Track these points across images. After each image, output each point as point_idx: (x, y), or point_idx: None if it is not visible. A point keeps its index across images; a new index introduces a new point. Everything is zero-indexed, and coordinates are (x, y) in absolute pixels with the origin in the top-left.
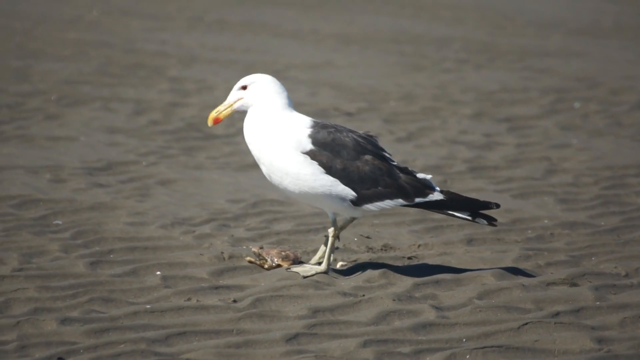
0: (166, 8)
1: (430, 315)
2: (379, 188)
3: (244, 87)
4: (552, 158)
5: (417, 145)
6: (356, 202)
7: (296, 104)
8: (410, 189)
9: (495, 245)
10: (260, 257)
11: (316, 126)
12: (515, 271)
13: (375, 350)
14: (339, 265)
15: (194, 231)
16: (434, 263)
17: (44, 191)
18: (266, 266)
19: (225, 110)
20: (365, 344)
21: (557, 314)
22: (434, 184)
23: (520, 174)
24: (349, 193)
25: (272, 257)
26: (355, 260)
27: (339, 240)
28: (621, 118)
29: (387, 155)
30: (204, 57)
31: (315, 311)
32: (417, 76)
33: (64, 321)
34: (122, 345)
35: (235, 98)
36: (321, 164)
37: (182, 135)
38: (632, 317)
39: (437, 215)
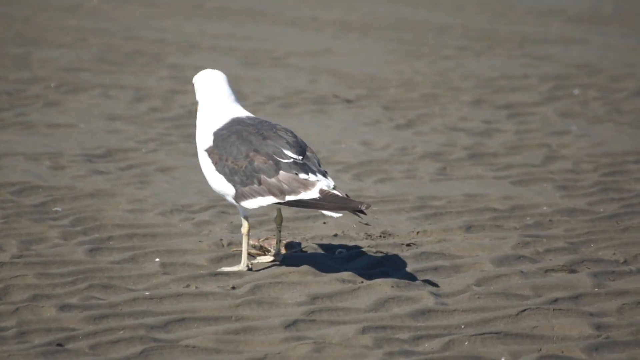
0: None
1: (428, 301)
2: (255, 186)
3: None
4: (551, 145)
5: (416, 132)
6: (236, 199)
7: (296, 91)
8: (284, 187)
9: (494, 232)
10: (263, 249)
11: (229, 123)
12: (513, 258)
13: (374, 337)
14: (337, 252)
15: (193, 218)
16: (432, 250)
17: (43, 178)
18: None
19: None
20: (364, 331)
21: (556, 300)
22: (324, 184)
23: (520, 160)
24: (231, 190)
25: (273, 247)
26: (354, 247)
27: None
28: (621, 105)
29: (289, 154)
30: (204, 45)
31: (314, 298)
32: (417, 63)
33: (63, 308)
34: (121, 332)
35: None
36: (213, 161)
37: (182, 123)
38: (631, 304)
39: (436, 202)
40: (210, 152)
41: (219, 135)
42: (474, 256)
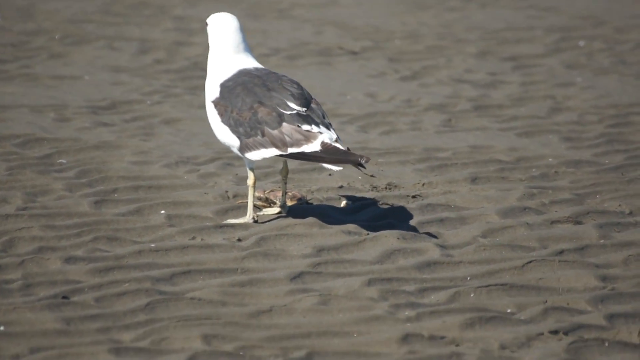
0: None
1: (434, 253)
2: (258, 137)
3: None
4: (556, 96)
5: (421, 84)
6: (240, 150)
7: (301, 43)
8: (287, 139)
9: (499, 183)
10: (268, 201)
11: (236, 74)
12: (519, 209)
13: (380, 289)
14: (343, 204)
15: (198, 170)
16: (438, 202)
17: (48, 130)
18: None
19: None
20: (369, 283)
21: (562, 252)
22: (327, 137)
23: (525, 112)
24: (235, 141)
25: (279, 199)
26: (359, 199)
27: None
28: (626, 56)
29: (293, 106)
30: None
31: (320, 250)
32: (422, 15)
33: (69, 260)
34: (127, 284)
35: None
36: (219, 113)
37: (187, 75)
38: (636, 255)
39: (442, 154)
40: (216, 103)
41: (225, 86)
42: (480, 208)
